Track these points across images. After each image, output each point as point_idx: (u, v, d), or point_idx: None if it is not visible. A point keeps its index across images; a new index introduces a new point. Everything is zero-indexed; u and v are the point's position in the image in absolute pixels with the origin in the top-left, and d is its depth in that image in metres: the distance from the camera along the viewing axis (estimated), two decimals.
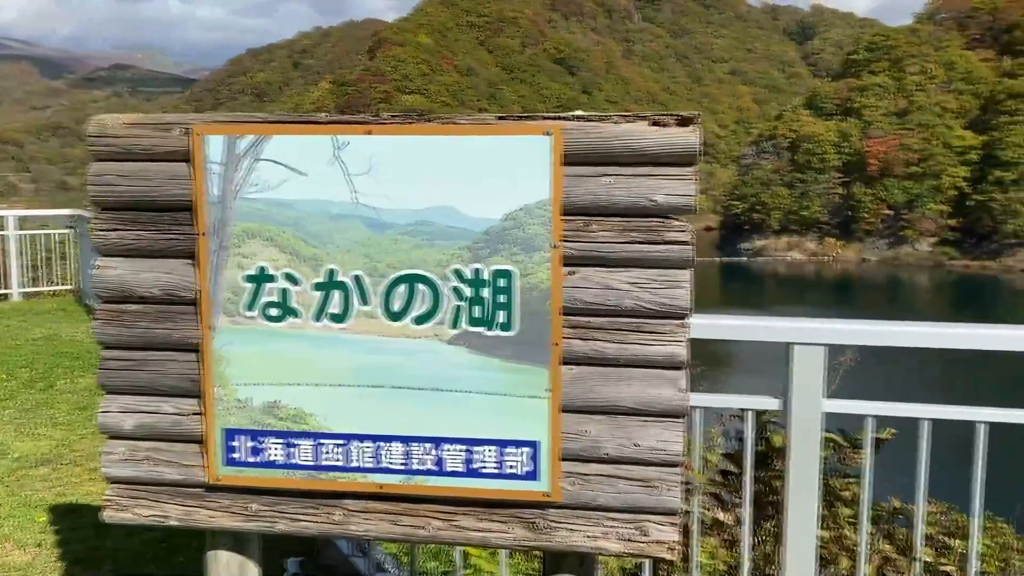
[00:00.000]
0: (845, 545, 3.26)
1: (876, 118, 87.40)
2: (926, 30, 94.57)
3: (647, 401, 2.24)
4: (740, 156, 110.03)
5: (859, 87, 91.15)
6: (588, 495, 2.28)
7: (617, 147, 2.18)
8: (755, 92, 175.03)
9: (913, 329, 2.97)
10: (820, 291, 72.71)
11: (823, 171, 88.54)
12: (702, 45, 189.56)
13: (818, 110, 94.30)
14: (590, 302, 2.23)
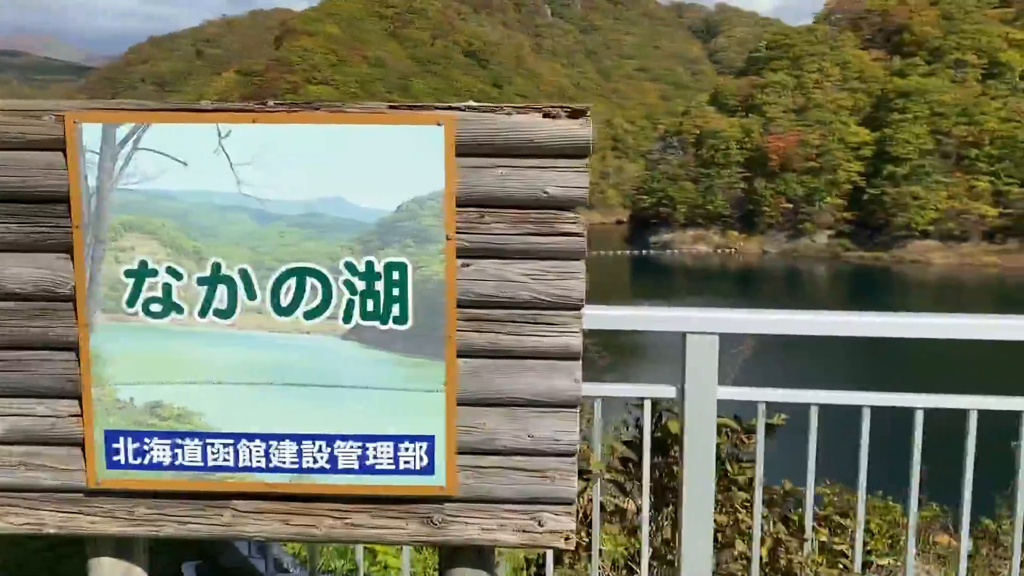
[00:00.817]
0: (740, 528, 3.35)
1: (777, 115, 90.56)
2: (823, 30, 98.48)
3: (543, 392, 2.24)
4: (648, 151, 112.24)
5: (761, 84, 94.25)
6: (484, 488, 2.27)
7: (510, 138, 2.17)
8: (662, 88, 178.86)
9: (799, 317, 3.08)
10: (724, 282, 74.93)
11: (726, 166, 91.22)
12: (611, 41, 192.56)
13: (722, 106, 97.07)
14: (486, 294, 2.22)
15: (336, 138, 2.22)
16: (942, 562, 5.54)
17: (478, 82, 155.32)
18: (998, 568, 5.70)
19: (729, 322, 3.07)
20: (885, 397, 3.20)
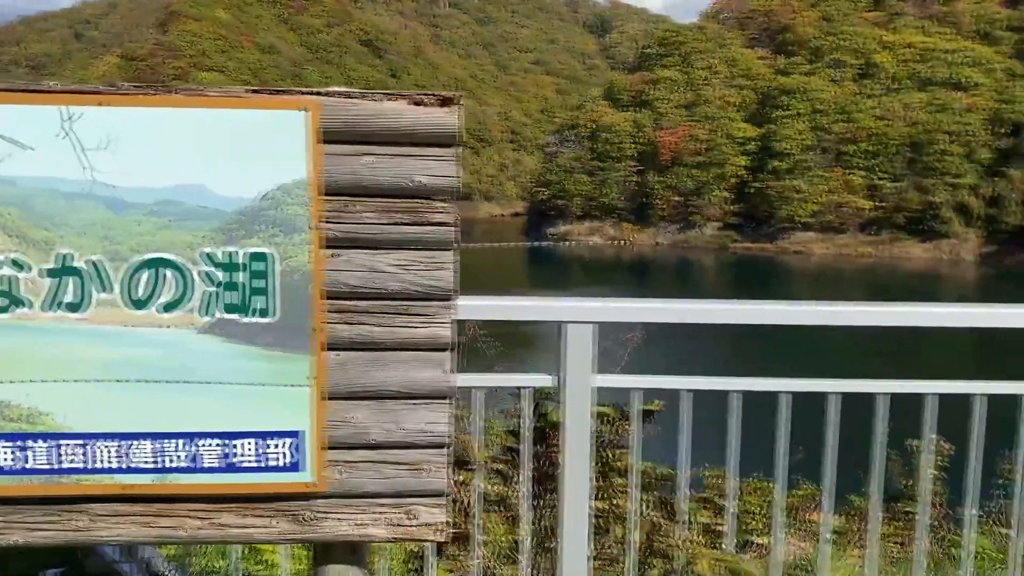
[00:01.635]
0: (618, 514, 3.42)
1: (668, 110, 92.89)
2: (712, 28, 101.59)
3: (414, 384, 2.22)
4: (545, 144, 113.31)
5: (652, 80, 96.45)
6: (355, 483, 2.23)
7: (378, 125, 2.13)
8: (558, 82, 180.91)
9: (672, 306, 3.16)
10: (618, 273, 76.56)
11: (620, 160, 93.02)
12: (507, 34, 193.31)
13: (615, 101, 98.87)
14: (354, 285, 2.17)
15: (195, 123, 2.12)
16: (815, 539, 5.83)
17: (375, 72, 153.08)
18: (865, 542, 6.04)
19: (606, 311, 3.13)
20: (753, 382, 3.32)
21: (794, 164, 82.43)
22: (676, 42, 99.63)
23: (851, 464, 4.66)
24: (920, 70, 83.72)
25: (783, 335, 28.33)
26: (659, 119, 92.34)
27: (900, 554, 5.61)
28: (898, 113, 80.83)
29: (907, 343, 28.27)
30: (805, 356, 26.79)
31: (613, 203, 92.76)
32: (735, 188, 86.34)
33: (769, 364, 17.74)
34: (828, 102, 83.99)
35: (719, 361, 30.22)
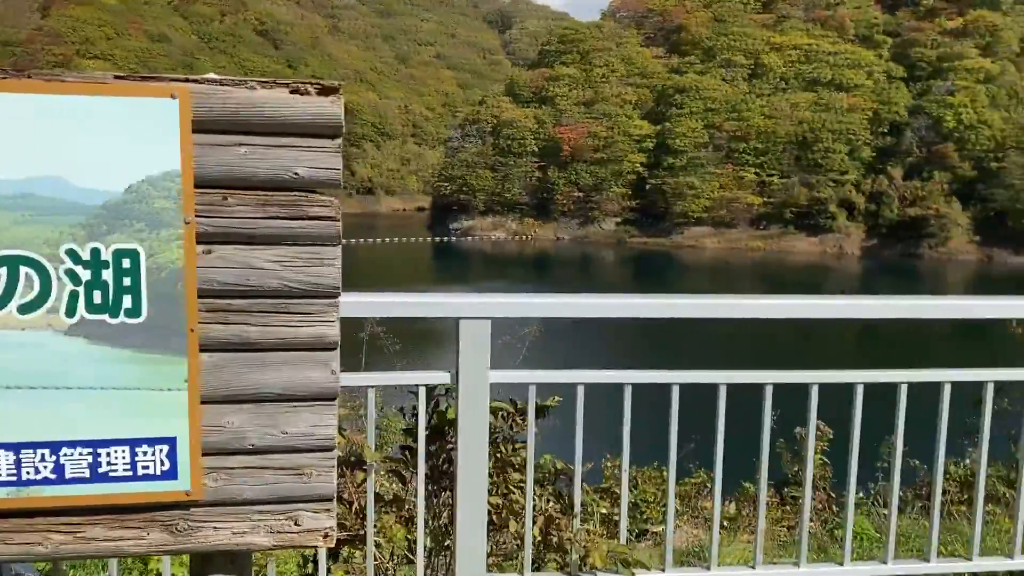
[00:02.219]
0: (515, 509, 3.41)
1: (568, 107, 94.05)
2: (609, 26, 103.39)
3: (297, 386, 2.13)
4: (447, 139, 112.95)
5: (553, 77, 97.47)
6: (233, 490, 2.13)
7: (254, 115, 2.03)
8: (460, 77, 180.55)
9: (565, 300, 3.16)
10: (521, 268, 77.10)
11: (522, 155, 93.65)
12: (408, 27, 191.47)
13: (517, 97, 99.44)
14: (230, 283, 2.07)
15: (56, 111, 1.97)
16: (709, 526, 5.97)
17: (271, 63, 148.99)
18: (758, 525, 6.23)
19: (502, 306, 3.12)
20: (646, 374, 3.37)
21: (688, 161, 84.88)
22: (575, 40, 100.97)
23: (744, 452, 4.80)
24: (806, 71, 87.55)
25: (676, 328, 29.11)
26: (560, 116, 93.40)
27: (788, 537, 5.81)
28: (786, 112, 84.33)
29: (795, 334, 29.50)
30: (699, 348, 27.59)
31: (515, 198, 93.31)
32: (633, 184, 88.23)
33: (663, 356, 18.49)
34: (720, 101, 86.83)
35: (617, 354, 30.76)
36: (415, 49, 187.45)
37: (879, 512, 5.66)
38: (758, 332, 26.06)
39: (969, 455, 6.16)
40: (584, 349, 29.81)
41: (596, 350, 30.28)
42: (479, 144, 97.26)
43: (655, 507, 6.64)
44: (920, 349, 25.23)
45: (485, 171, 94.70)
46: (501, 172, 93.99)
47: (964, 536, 4.59)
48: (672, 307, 3.28)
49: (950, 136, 77.04)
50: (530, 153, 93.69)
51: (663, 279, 67.66)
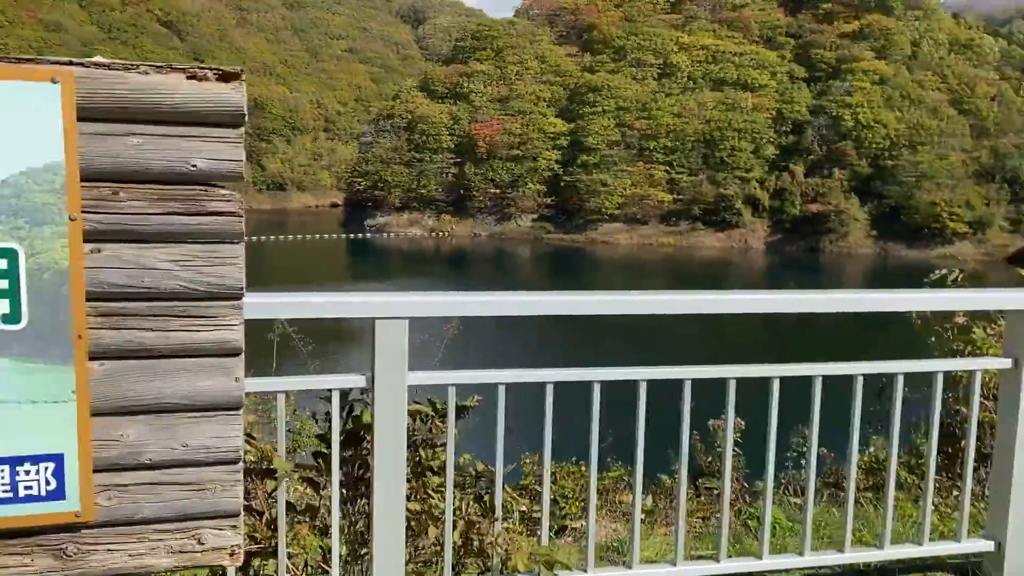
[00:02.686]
0: (434, 515, 3.31)
1: (483, 103, 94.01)
2: (522, 24, 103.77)
3: (198, 395, 1.98)
4: (361, 134, 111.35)
5: (467, 73, 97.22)
6: (129, 509, 1.96)
7: (146, 102, 1.86)
8: (372, 71, 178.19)
9: (484, 299, 3.08)
10: (437, 265, 76.79)
11: (438, 151, 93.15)
12: (318, 20, 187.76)
13: (431, 93, 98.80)
14: (121, 284, 1.90)
15: None
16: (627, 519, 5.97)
17: (176, 55, 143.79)
18: (674, 519, 6.25)
19: (419, 306, 3.02)
20: (566, 372, 3.32)
21: (601, 159, 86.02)
22: (489, 36, 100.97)
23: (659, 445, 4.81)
24: (713, 71, 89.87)
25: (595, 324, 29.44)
26: (475, 112, 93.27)
27: (703, 528, 5.87)
28: (694, 111, 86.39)
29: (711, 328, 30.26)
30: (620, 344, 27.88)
31: (432, 194, 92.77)
32: (548, 181, 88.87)
33: (583, 352, 18.52)
34: (631, 99, 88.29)
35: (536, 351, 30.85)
36: (326, 43, 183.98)
37: (790, 501, 5.76)
38: (677, 329, 26.60)
39: (873, 443, 6.35)
40: (508, 346, 29.87)
41: (517, 347, 30.33)
42: (393, 139, 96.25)
43: (574, 502, 6.63)
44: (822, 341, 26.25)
45: (400, 167, 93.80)
46: (416, 168, 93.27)
47: (871, 523, 4.71)
48: (580, 304, 3.29)
49: (848, 135, 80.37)
50: (446, 149, 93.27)
51: (578, 275, 68.41)
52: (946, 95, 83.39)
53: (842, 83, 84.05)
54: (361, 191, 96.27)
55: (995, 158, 77.74)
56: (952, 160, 77.60)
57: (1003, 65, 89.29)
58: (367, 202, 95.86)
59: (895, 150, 78.59)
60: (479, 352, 27.70)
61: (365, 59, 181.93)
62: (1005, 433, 3.54)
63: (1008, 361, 3.52)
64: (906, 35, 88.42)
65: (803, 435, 6.28)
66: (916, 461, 5.97)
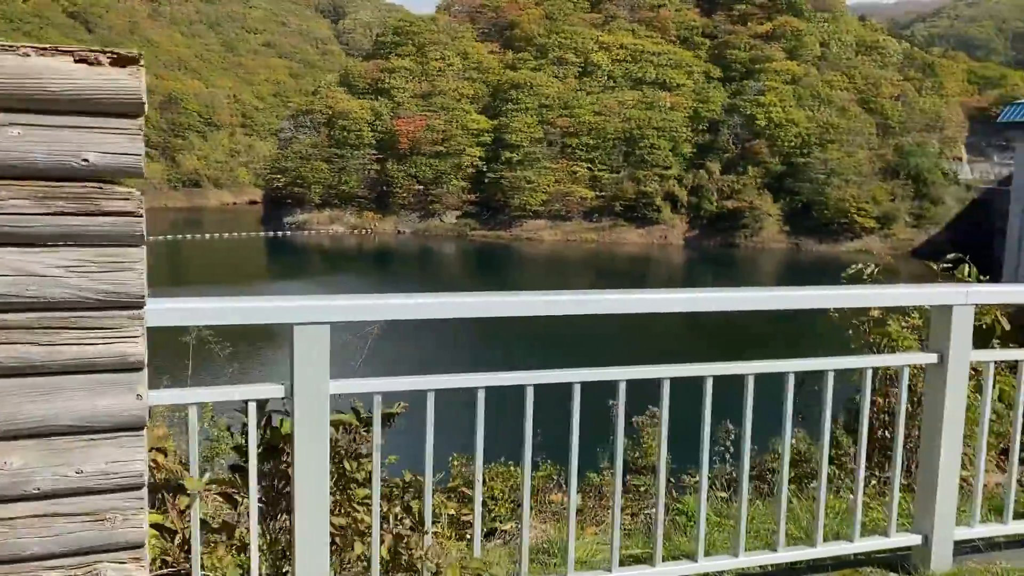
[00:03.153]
0: (360, 529, 3.15)
1: (405, 99, 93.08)
2: (444, 20, 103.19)
3: (94, 415, 1.78)
4: (279, 130, 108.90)
5: (388, 69, 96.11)
6: (15, 544, 1.75)
7: (29, 88, 1.66)
8: (291, 66, 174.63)
9: (409, 301, 2.95)
10: (361, 263, 75.85)
11: (359, 147, 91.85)
12: (235, 14, 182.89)
13: (352, 88, 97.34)
14: (2, 293, 1.69)
15: None
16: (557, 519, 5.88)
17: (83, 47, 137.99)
18: (603, 517, 6.20)
19: (341, 310, 2.87)
20: (497, 376, 3.22)
21: (524, 156, 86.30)
22: (411, 32, 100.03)
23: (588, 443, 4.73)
24: (632, 70, 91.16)
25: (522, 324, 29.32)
26: (397, 108, 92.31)
27: (632, 525, 5.83)
28: (614, 109, 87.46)
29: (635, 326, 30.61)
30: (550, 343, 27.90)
31: (353, 191, 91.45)
32: (472, 178, 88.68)
33: (512, 354, 18.37)
34: (553, 97, 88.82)
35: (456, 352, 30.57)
36: (243, 37, 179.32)
37: (717, 495, 5.76)
38: (601, 329, 26.86)
39: (796, 436, 6.44)
40: (432, 347, 29.54)
41: (443, 349, 30.01)
42: (313, 135, 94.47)
43: (504, 504, 6.51)
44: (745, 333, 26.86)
45: (320, 163, 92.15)
46: (337, 164, 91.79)
47: (796, 516, 4.73)
48: (507, 305, 3.21)
49: (761, 133, 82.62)
50: (367, 145, 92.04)
51: (504, 272, 68.53)
52: (853, 95, 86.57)
53: (755, 83, 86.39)
54: (280, 188, 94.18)
55: (899, 156, 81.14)
56: (860, 157, 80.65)
57: (905, 66, 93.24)
58: (287, 199, 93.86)
59: (806, 148, 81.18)
60: (404, 353, 27.33)
61: (284, 54, 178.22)
62: (930, 427, 3.59)
63: (933, 356, 3.56)
64: (815, 36, 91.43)
65: (727, 430, 6.36)
66: (836, 453, 6.08)
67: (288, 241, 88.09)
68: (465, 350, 31.60)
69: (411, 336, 29.18)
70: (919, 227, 77.63)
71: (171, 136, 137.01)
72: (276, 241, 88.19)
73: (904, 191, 78.84)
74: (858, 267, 6.70)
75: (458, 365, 27.23)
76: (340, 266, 72.59)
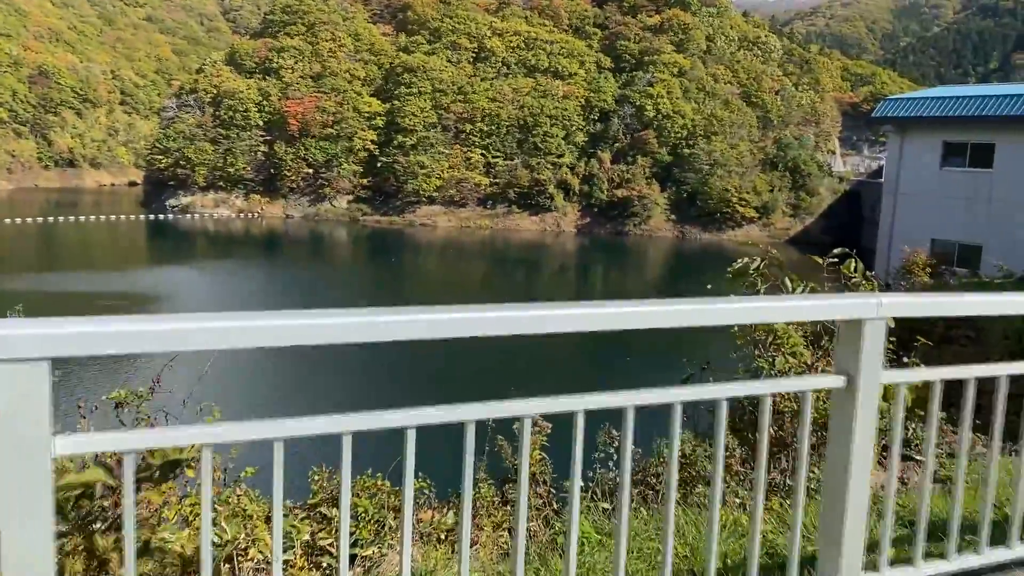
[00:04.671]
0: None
1: (294, 79, 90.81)
2: (336, 0, 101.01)
3: None
4: (162, 108, 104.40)
5: (277, 48, 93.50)
6: None
7: None
8: (174, 42, 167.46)
9: (193, 325, 2.19)
10: (248, 247, 73.82)
11: (247, 128, 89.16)
12: None
13: (239, 67, 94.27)
14: None
15: None
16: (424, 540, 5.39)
17: None
18: (479, 538, 5.70)
19: (66, 341, 2.01)
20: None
21: (418, 140, 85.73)
22: (301, 10, 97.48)
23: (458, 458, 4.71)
24: (527, 57, 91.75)
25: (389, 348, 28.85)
26: (286, 88, 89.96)
27: (509, 543, 5.26)
28: (508, 96, 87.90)
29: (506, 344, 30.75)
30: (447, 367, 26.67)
31: (240, 173, 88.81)
32: (365, 162, 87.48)
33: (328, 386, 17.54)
34: (448, 82, 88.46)
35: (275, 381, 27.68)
36: (122, 10, 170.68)
37: (599, 506, 5.37)
38: (456, 346, 26.66)
39: (683, 439, 6.23)
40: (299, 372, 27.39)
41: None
42: (198, 115, 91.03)
43: (366, 526, 5.40)
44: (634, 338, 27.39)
45: (205, 144, 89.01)
46: (223, 146, 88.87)
47: (681, 529, 4.58)
48: (354, 328, 2.36)
49: (650, 124, 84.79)
50: (255, 126, 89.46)
51: (399, 257, 68.06)
52: (737, 88, 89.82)
53: (645, 74, 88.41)
54: (163, 169, 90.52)
55: (778, 148, 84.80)
56: (742, 149, 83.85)
57: (785, 62, 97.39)
58: (170, 181, 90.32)
59: (692, 139, 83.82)
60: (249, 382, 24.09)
61: (167, 29, 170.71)
62: (837, 459, 3.10)
63: (841, 379, 3.04)
64: (702, 30, 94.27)
65: (609, 434, 5.92)
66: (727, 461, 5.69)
67: (171, 225, 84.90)
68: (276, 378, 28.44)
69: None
70: (795, 217, 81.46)
71: (43, 113, 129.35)
72: (158, 224, 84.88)
73: (782, 182, 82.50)
74: (744, 261, 6.49)
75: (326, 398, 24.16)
76: (225, 250, 70.48)
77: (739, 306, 3.25)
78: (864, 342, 2.97)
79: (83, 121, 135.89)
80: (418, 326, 2.39)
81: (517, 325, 2.55)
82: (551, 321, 2.62)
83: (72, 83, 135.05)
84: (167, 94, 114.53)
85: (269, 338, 2.26)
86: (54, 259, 64.01)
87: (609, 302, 2.72)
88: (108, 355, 2.14)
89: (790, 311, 3.54)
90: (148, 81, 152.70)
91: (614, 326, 2.74)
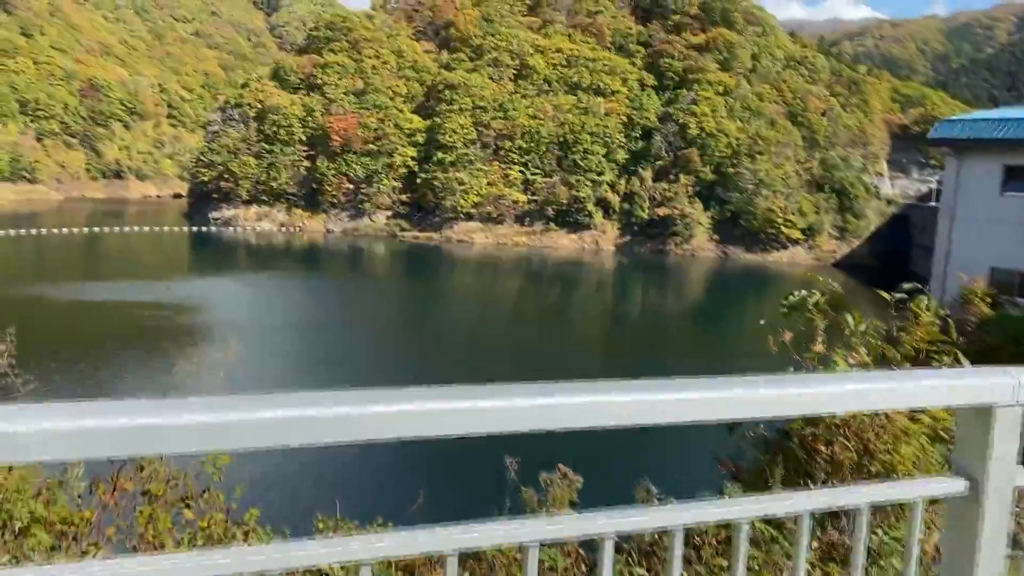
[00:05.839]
0: None
1: (338, 96, 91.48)
2: (380, 17, 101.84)
3: None
4: (208, 122, 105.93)
5: (321, 64, 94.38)
6: None
7: None
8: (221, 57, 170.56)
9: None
10: (288, 260, 74.24)
11: (290, 143, 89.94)
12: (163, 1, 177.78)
13: (283, 82, 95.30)
14: None
15: None
16: None
17: (1, 29, 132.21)
18: None
19: None
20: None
21: (458, 157, 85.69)
22: (345, 28, 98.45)
23: None
24: (568, 75, 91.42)
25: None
26: (329, 104, 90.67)
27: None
28: (549, 113, 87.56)
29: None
30: None
31: (283, 188, 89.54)
32: (404, 178, 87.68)
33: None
34: (488, 99, 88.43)
35: None
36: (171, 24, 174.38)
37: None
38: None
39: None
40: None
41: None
42: (242, 129, 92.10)
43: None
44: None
45: (249, 158, 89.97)
46: (267, 160, 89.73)
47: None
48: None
49: (694, 142, 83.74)
50: (298, 141, 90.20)
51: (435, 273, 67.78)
52: (782, 108, 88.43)
53: (688, 92, 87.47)
54: (207, 182, 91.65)
55: (824, 169, 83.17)
56: (787, 169, 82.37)
57: (833, 82, 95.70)
58: (213, 194, 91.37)
59: (736, 158, 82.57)
60: None
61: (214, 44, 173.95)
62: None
63: (961, 483, 2.41)
64: (747, 49, 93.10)
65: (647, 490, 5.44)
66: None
67: (213, 237, 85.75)
68: None
69: None
70: (842, 239, 79.71)
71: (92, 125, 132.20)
72: (201, 236, 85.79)
73: (828, 204, 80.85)
74: (801, 295, 5.95)
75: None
76: (266, 263, 70.86)
77: (848, 388, 2.27)
78: (994, 435, 2.31)
79: (130, 133, 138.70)
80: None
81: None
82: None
83: (121, 96, 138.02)
84: (213, 108, 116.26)
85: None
86: (99, 268, 64.88)
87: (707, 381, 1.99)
88: None
89: (902, 395, 2.47)
90: (195, 95, 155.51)
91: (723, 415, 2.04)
